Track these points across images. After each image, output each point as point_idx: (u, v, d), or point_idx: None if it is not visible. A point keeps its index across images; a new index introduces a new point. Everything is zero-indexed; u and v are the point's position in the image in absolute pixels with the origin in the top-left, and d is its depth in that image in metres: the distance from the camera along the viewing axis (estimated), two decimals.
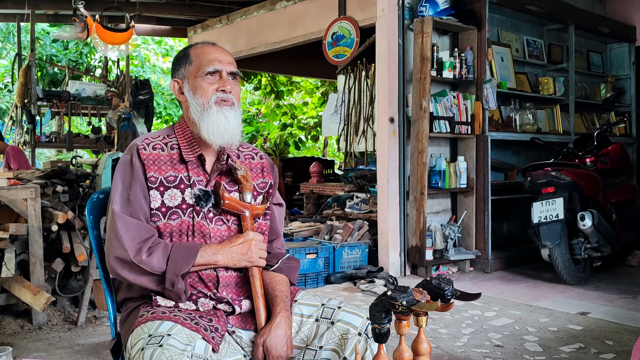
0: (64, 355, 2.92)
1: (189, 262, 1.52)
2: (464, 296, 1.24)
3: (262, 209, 1.69)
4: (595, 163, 4.87)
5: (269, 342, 1.50)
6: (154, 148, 1.63)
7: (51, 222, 3.52)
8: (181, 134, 1.68)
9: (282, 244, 1.82)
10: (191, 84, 1.65)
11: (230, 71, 1.67)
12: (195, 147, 1.65)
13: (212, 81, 1.64)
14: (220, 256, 1.57)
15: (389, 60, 4.75)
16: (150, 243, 1.53)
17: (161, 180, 1.59)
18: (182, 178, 1.61)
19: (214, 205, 1.62)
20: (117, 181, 1.60)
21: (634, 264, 5.08)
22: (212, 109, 1.62)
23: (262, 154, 1.82)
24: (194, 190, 1.60)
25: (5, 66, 11.68)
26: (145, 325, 1.45)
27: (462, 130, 4.86)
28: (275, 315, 1.55)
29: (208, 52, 1.68)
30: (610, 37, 6.48)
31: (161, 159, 1.61)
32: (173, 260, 1.51)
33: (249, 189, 1.67)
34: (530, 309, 3.74)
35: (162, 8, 7.07)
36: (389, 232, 4.75)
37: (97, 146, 7.56)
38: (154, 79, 13.02)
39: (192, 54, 1.69)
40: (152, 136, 1.67)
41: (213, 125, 1.60)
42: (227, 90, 1.64)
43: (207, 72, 1.63)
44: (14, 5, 6.58)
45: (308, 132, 12.11)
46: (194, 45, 1.73)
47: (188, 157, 1.63)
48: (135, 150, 1.60)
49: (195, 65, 1.66)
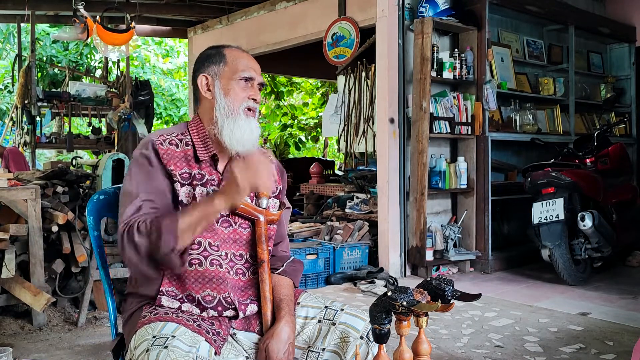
0: (64, 356, 2.92)
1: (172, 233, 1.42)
2: (465, 297, 1.24)
3: (277, 216, 1.68)
4: (596, 163, 4.87)
5: (270, 346, 1.50)
6: (170, 143, 1.60)
7: (51, 223, 3.52)
8: (195, 132, 1.64)
9: (287, 247, 1.80)
10: (224, 85, 1.63)
11: (261, 82, 1.67)
12: (210, 146, 1.62)
13: (244, 87, 1.63)
14: (217, 199, 1.47)
15: (389, 61, 4.75)
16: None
17: (177, 176, 1.57)
18: (195, 175, 1.59)
19: (226, 211, 1.59)
20: (135, 175, 1.55)
21: (634, 265, 5.08)
22: (241, 116, 1.60)
23: (272, 157, 1.77)
24: (208, 189, 1.58)
25: (5, 67, 11.68)
26: (149, 326, 1.44)
27: (462, 130, 4.86)
28: (279, 320, 1.54)
29: (244, 57, 1.67)
30: (611, 37, 6.48)
31: (176, 155, 1.59)
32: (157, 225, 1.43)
33: (265, 195, 1.66)
34: (530, 309, 3.73)
35: (162, 9, 7.07)
36: (389, 233, 4.74)
37: (97, 147, 7.57)
38: (154, 79, 13.02)
39: (228, 55, 1.66)
40: (166, 132, 1.64)
41: (239, 132, 1.58)
42: (258, 100, 1.64)
43: (244, 77, 1.62)
44: (14, 6, 6.58)
45: (308, 132, 12.11)
46: (228, 47, 1.70)
47: (202, 157, 1.60)
48: (151, 145, 1.58)
49: (231, 67, 1.64)
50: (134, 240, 1.44)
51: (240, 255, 1.62)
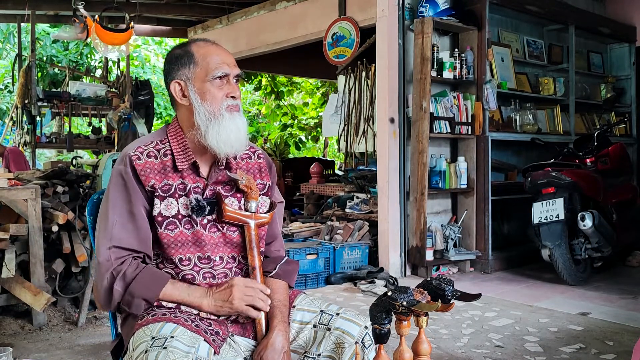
0: (64, 356, 2.92)
1: (151, 291, 1.49)
2: (465, 296, 1.24)
3: (268, 218, 1.64)
4: (596, 163, 4.87)
5: (265, 356, 1.49)
6: (148, 156, 1.55)
7: (51, 223, 3.52)
8: (174, 139, 1.58)
9: (281, 245, 1.76)
10: (198, 88, 1.55)
11: (237, 74, 1.59)
12: (189, 154, 1.56)
13: (220, 86, 1.56)
14: (206, 301, 1.51)
15: (389, 61, 4.75)
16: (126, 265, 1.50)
17: (158, 190, 1.53)
18: (177, 186, 1.54)
19: (212, 216, 1.57)
20: (112, 197, 1.53)
21: (634, 265, 5.07)
22: (224, 116, 1.54)
23: (260, 152, 1.74)
24: (190, 199, 1.54)
25: (5, 67, 11.68)
26: (147, 327, 1.43)
27: (462, 130, 4.86)
28: (272, 329, 1.53)
29: (213, 53, 1.57)
30: (611, 37, 6.48)
31: (155, 167, 1.54)
32: (138, 284, 1.48)
33: (254, 198, 1.61)
34: (530, 309, 3.73)
35: (162, 9, 7.07)
36: (390, 233, 4.74)
37: (97, 147, 7.57)
38: (154, 79, 13.00)
39: (197, 53, 1.57)
40: (144, 143, 1.57)
41: (225, 134, 1.52)
42: (236, 96, 1.57)
43: (217, 76, 1.55)
44: (15, 6, 6.59)
45: (308, 132, 12.12)
46: (195, 43, 1.60)
47: (181, 166, 1.55)
48: (129, 161, 1.53)
49: (202, 68, 1.55)
50: (112, 287, 1.48)
51: (232, 257, 1.60)
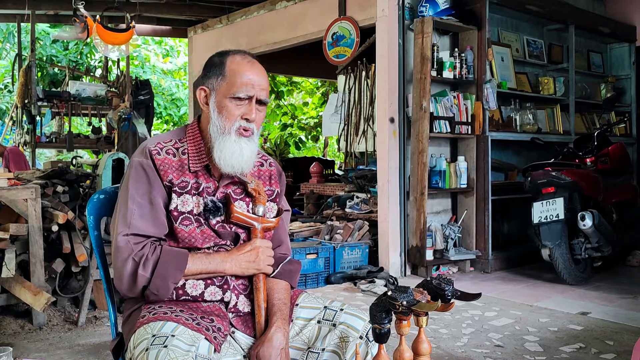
0: (64, 356, 2.92)
1: (178, 270, 1.51)
2: (465, 296, 1.24)
3: (275, 223, 1.67)
4: (596, 163, 4.87)
5: (262, 352, 1.49)
6: (166, 153, 1.58)
7: (51, 223, 3.52)
8: (192, 140, 1.62)
9: (287, 249, 1.78)
10: (218, 101, 1.57)
11: (261, 99, 1.58)
12: (203, 156, 1.60)
13: (239, 105, 1.56)
14: (228, 264, 1.56)
15: (389, 61, 4.75)
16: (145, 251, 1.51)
17: (175, 185, 1.56)
18: (192, 184, 1.58)
19: (222, 218, 1.60)
20: (131, 184, 1.54)
21: (634, 264, 5.08)
22: (231, 136, 1.55)
23: (272, 161, 1.78)
24: (205, 200, 1.58)
25: (5, 66, 11.69)
26: (148, 326, 1.44)
27: (462, 130, 4.86)
28: (270, 327, 1.53)
29: (244, 71, 1.57)
30: (611, 37, 6.48)
31: (173, 164, 1.57)
32: (163, 267, 1.49)
33: (262, 202, 1.64)
34: (530, 309, 3.73)
35: (163, 8, 7.07)
36: (389, 232, 4.74)
37: (97, 146, 7.57)
38: (154, 79, 13.03)
39: (228, 67, 1.58)
40: (163, 140, 1.61)
41: (227, 153, 1.55)
42: (251, 119, 1.57)
43: (238, 96, 1.55)
44: (14, 6, 6.58)
45: (308, 132, 12.12)
46: (232, 55, 1.61)
47: (194, 167, 1.59)
48: (149, 154, 1.56)
49: (228, 82, 1.56)
50: (136, 272, 1.49)
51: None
